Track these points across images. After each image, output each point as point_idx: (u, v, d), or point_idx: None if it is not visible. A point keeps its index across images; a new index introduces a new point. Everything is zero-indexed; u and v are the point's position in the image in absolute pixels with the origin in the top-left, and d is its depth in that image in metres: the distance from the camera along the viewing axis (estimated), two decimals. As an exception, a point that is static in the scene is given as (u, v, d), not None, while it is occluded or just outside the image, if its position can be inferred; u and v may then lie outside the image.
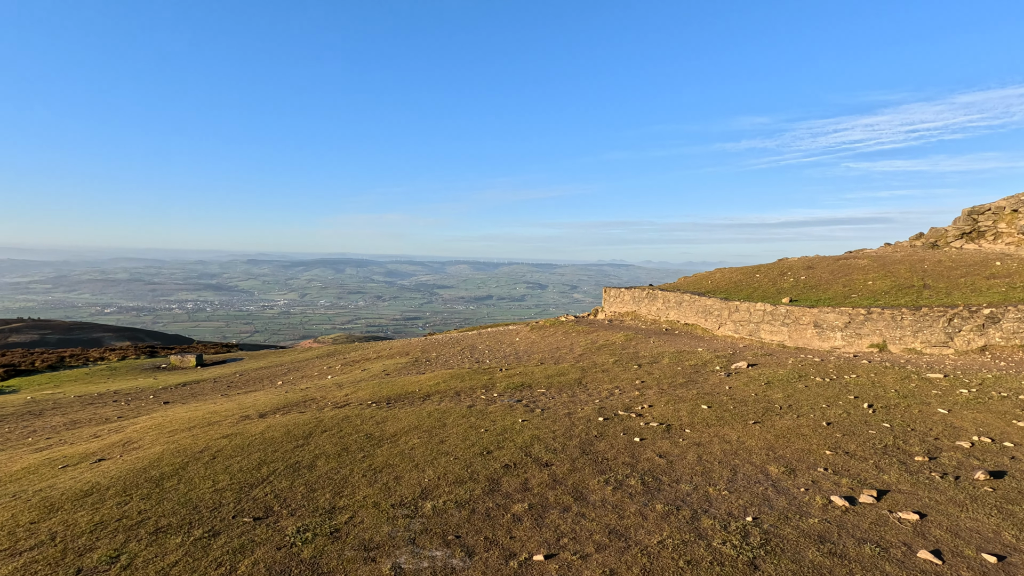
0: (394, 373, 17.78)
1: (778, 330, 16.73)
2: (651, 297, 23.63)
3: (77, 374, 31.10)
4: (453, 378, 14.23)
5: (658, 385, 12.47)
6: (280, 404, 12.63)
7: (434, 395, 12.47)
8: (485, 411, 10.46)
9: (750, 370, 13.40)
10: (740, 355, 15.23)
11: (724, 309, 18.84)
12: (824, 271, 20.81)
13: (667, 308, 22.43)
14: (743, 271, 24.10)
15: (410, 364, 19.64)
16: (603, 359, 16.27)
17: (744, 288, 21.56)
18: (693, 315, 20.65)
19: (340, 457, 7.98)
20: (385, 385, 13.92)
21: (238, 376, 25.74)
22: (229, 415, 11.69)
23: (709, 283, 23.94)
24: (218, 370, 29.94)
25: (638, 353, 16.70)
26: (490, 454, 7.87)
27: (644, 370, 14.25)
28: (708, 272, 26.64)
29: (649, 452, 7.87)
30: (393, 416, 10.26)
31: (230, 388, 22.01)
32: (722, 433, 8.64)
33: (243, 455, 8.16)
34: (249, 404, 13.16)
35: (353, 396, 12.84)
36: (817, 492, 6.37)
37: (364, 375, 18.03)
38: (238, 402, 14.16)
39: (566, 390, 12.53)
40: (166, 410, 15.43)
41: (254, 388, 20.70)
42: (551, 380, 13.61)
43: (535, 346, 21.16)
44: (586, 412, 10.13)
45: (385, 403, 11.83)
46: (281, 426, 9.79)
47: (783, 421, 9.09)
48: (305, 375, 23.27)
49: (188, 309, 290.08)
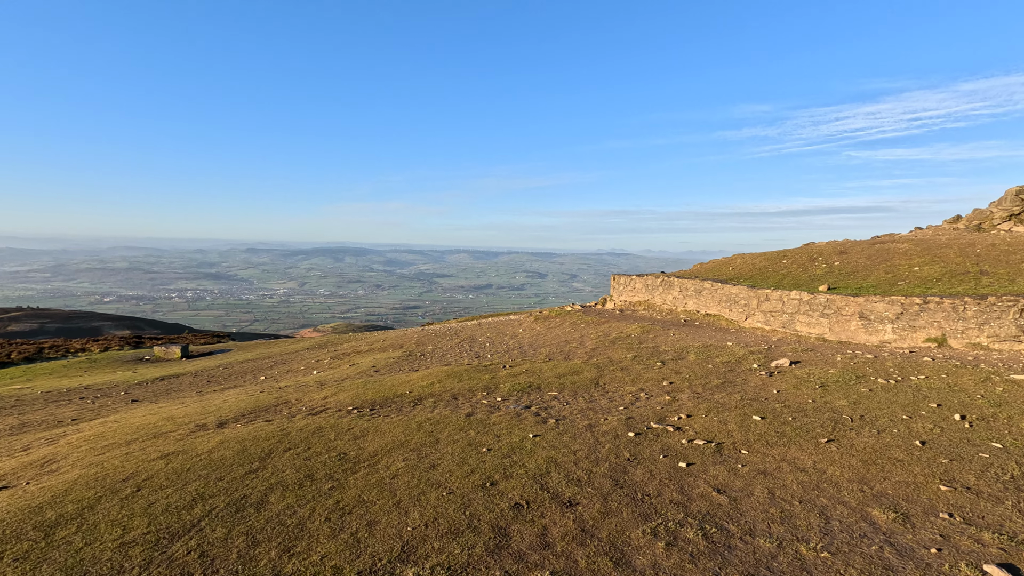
0: (384, 369, 15.95)
1: (816, 322, 14.86)
2: (666, 285, 21.73)
3: (54, 367, 29.34)
4: (450, 377, 12.39)
5: (690, 387, 10.62)
6: (248, 408, 10.81)
7: (427, 399, 10.63)
8: (487, 422, 8.62)
9: (795, 369, 11.54)
10: (777, 350, 13.38)
11: (752, 298, 16.95)
12: (859, 256, 18.89)
13: (685, 297, 20.54)
14: (767, 256, 22.18)
15: (403, 359, 17.81)
16: (620, 354, 14.42)
17: (770, 275, 19.66)
18: (715, 304, 18.77)
19: (301, 489, 6.15)
20: (371, 385, 12.08)
21: (221, 370, 23.96)
22: (185, 422, 9.87)
23: (730, 269, 22.03)
24: (203, 362, 28.17)
25: (658, 347, 14.85)
26: (495, 486, 6.04)
27: (670, 368, 12.40)
28: (727, 258, 24.71)
29: (702, 484, 6.04)
30: (375, 428, 8.43)
31: (209, 383, 20.23)
32: (790, 456, 6.79)
33: (177, 485, 6.33)
34: (215, 407, 11.34)
35: (333, 399, 11.00)
36: (956, 555, 4.52)
37: (351, 371, 16.21)
38: (204, 404, 12.34)
39: (582, 393, 10.69)
40: (126, 412, 13.63)
41: (232, 384, 18.91)
42: (563, 380, 11.77)
43: (541, 339, 19.31)
44: (611, 424, 8.29)
45: (368, 409, 9.99)
46: (237, 441, 7.96)
47: (863, 439, 7.25)
48: (291, 369, 21.48)
49: (188, 298, 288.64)
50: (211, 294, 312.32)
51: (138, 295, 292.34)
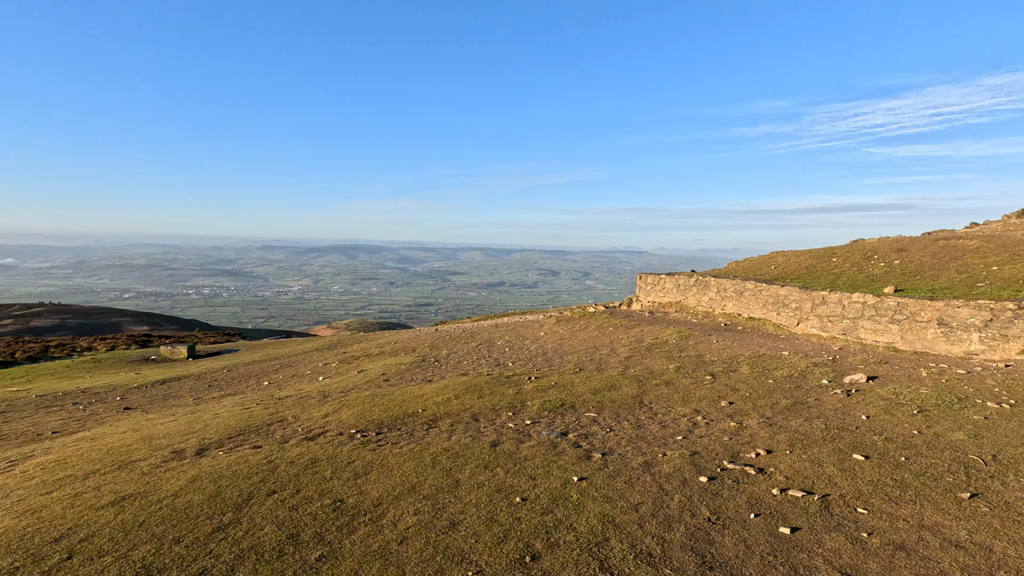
0: (395, 378, 14.45)
1: (884, 328, 13.02)
2: (701, 285, 19.95)
3: (57, 367, 28.46)
4: (469, 391, 10.83)
5: (755, 410, 8.92)
6: (238, 427, 9.37)
7: (443, 419, 9.08)
8: (517, 455, 7.04)
9: (875, 387, 9.77)
10: (844, 362, 11.60)
11: (805, 300, 15.12)
12: (922, 254, 16.94)
13: (723, 299, 18.74)
14: (813, 254, 20.26)
15: (415, 365, 16.30)
16: (660, 365, 12.73)
17: (820, 275, 17.80)
18: (759, 307, 16.98)
19: (281, 559, 4.62)
20: (379, 400, 10.57)
21: (225, 372, 22.75)
22: (162, 445, 8.45)
23: (772, 269, 20.18)
24: (208, 363, 27.05)
25: (703, 357, 13.13)
26: (536, 561, 4.45)
27: (723, 383, 10.69)
28: (766, 256, 22.83)
29: (824, 568, 4.38)
30: (381, 462, 6.90)
31: (210, 388, 18.97)
32: (928, 519, 5.10)
33: (121, 551, 4.85)
34: (201, 425, 9.93)
35: (334, 418, 9.51)
36: None
37: (359, 379, 14.75)
38: (193, 418, 10.95)
39: (626, 415, 9.05)
40: (111, 424, 12.32)
41: (233, 390, 17.59)
42: (600, 397, 10.13)
43: (565, 343, 17.67)
44: (673, 462, 6.65)
45: (375, 433, 8.47)
46: (212, 479, 6.49)
47: (1015, 493, 5.54)
48: (296, 374, 20.14)
49: (205, 294, 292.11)
50: (227, 291, 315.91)
51: (156, 291, 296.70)
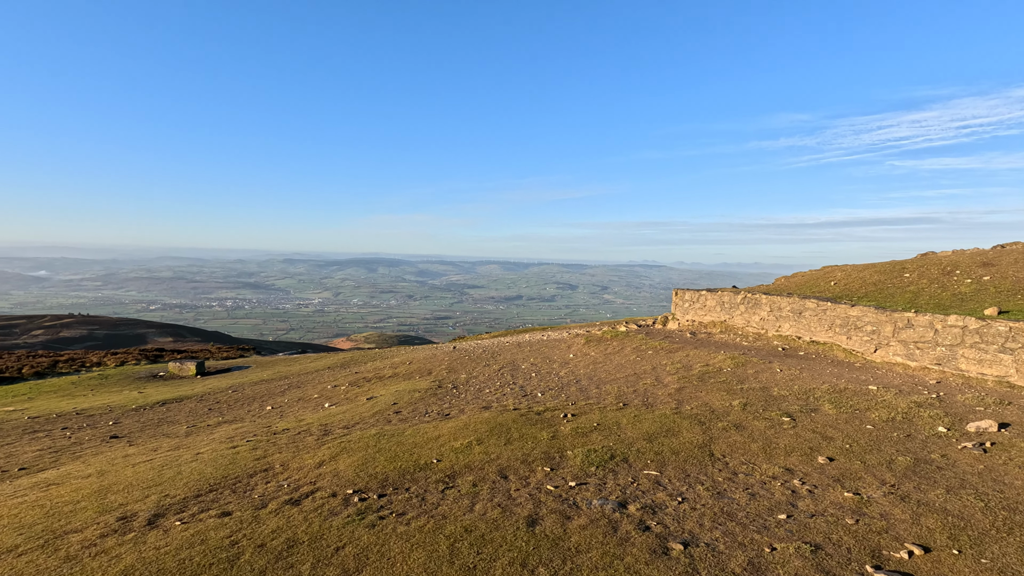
0: (407, 409, 12.64)
1: (994, 359, 10.79)
2: (751, 303, 17.80)
3: (62, 383, 27.42)
4: (493, 432, 8.96)
5: (867, 470, 6.85)
6: (214, 477, 7.65)
7: (463, 475, 7.21)
8: (564, 543, 5.13)
9: (1015, 438, 7.62)
10: (955, 402, 9.43)
11: (885, 323, 12.92)
12: (1017, 269, 14.62)
13: (777, 319, 16.58)
14: (878, 269, 17.98)
15: (431, 392, 14.48)
16: (719, 400, 10.68)
17: (893, 293, 15.56)
18: (824, 330, 14.79)
19: None
20: (387, 443, 8.76)
21: (230, 393, 21.28)
22: (113, 506, 6.76)
23: (831, 285, 17.94)
24: (214, 382, 25.69)
25: (769, 390, 11.05)
26: None
27: (808, 428, 8.63)
28: (819, 270, 20.57)
29: None
30: (381, 550, 5.06)
31: (208, 412, 17.44)
32: None
33: None
34: (173, 473, 8.24)
35: (330, 468, 7.72)
36: None
37: (367, 409, 12.98)
38: (169, 459, 9.28)
39: (696, 473, 7.07)
40: (85, 459, 10.75)
41: (231, 416, 15.99)
42: (657, 446, 8.16)
43: (600, 368, 15.69)
44: (791, 566, 4.67)
45: (376, 494, 6.64)
46: (155, 571, 4.74)
47: None
48: (303, 397, 18.51)
49: (227, 307, 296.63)
50: (249, 303, 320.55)
51: (181, 303, 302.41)
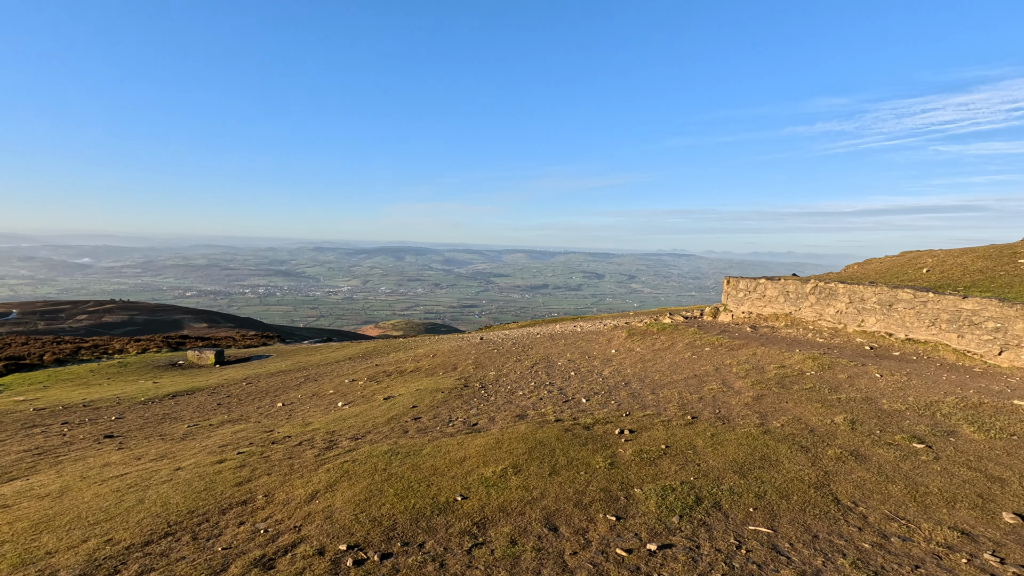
0: (427, 415, 10.83)
1: None
2: (824, 294, 15.34)
3: (80, 371, 26.81)
4: (533, 454, 7.05)
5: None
6: (181, 509, 5.97)
7: (496, 522, 5.33)
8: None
9: None
10: None
11: (1015, 319, 10.42)
12: None
13: (859, 312, 14.13)
14: (981, 253, 15.26)
15: (455, 393, 12.65)
16: (815, 414, 8.51)
17: (1010, 282, 12.95)
18: (924, 326, 12.33)
19: None
20: (398, 467, 6.95)
21: (243, 386, 20.02)
22: (39, 555, 5.13)
23: (923, 272, 15.31)
24: (232, 372, 24.61)
25: (875, 402, 8.81)
26: None
27: (955, 461, 6.43)
28: (900, 256, 17.88)
29: None
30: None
31: (217, 408, 16.11)
32: None
33: None
34: (135, 500, 6.62)
35: (323, 504, 5.95)
36: None
37: (382, 412, 11.25)
38: (142, 476, 7.70)
39: (826, 533, 5.02)
40: (60, 468, 9.33)
41: (237, 414, 14.55)
42: (755, 482, 6.11)
43: (650, 367, 13.59)
44: None
45: (378, 554, 4.80)
46: None
47: None
48: (317, 392, 17.01)
49: (260, 293, 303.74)
50: (281, 290, 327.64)
51: (216, 290, 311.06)
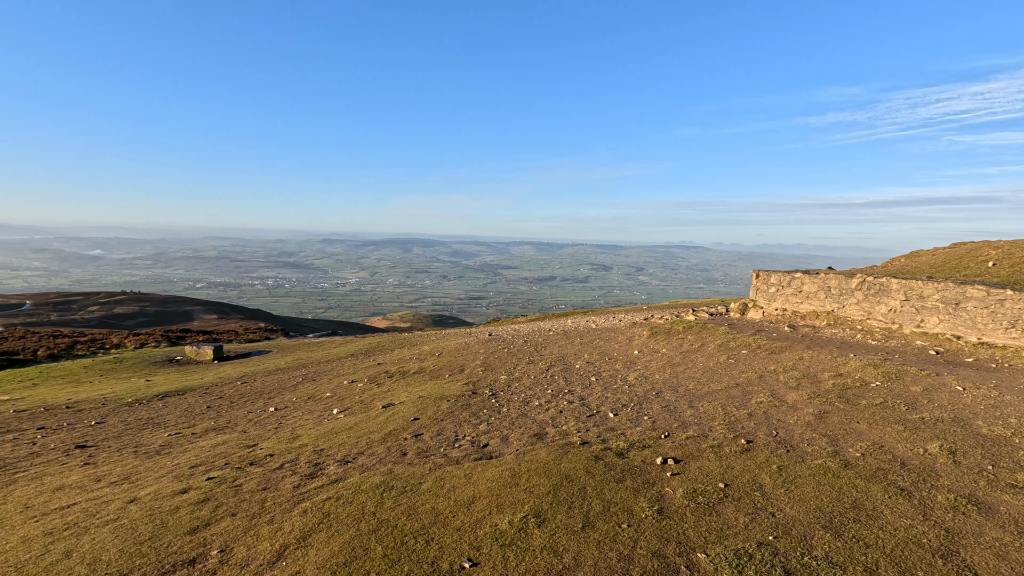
0: (430, 431, 9.42)
1: None
2: (875, 289, 13.70)
3: (74, 367, 25.76)
4: (559, 495, 5.62)
5: None
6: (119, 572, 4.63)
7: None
8: None
9: None
10: None
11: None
12: None
13: (918, 311, 12.51)
14: (1056, 245, 13.62)
15: (462, 403, 11.20)
16: (897, 439, 6.99)
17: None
18: (1001, 330, 10.71)
19: None
20: (391, 511, 5.55)
21: (238, 386, 18.79)
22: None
23: (990, 267, 13.66)
24: (228, 369, 23.43)
25: (968, 424, 7.27)
26: None
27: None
28: (953, 248, 16.17)
29: None
30: None
31: (206, 412, 14.85)
32: None
33: None
34: (68, 545, 5.27)
35: (288, 572, 4.57)
36: None
37: (379, 425, 9.87)
38: (89, 507, 6.37)
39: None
40: (11, 489, 8.05)
41: (225, 420, 13.25)
42: (857, 547, 4.63)
43: (680, 372, 12.08)
44: None
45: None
46: None
47: None
48: (313, 395, 15.69)
49: (269, 285, 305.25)
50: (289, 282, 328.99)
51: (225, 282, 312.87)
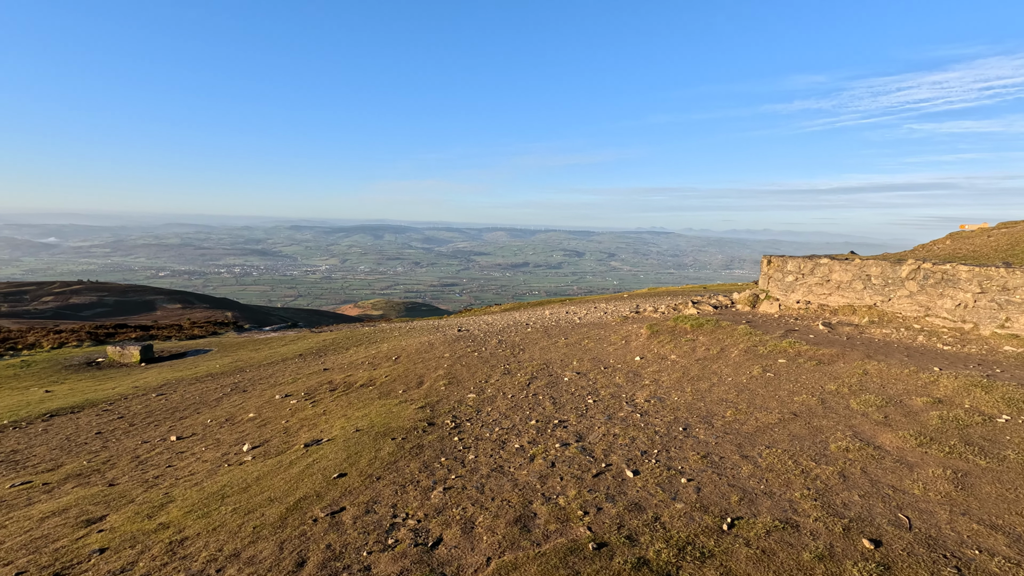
0: (356, 502, 6.25)
1: None
2: (934, 279, 11.08)
3: (-40, 375, 21.59)
4: None
5: None
6: None
7: None
8: None
9: None
10: None
11: None
12: None
13: (1000, 307, 9.91)
14: None
15: (411, 444, 7.99)
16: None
17: None
18: None
19: None
20: None
21: (151, 399, 15.19)
22: None
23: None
24: (152, 374, 19.69)
25: None
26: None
27: None
28: (1009, 227, 13.82)
29: None
30: None
31: (85, 445, 11.31)
32: None
33: None
34: None
35: None
36: None
37: (285, 486, 6.69)
38: None
39: None
40: None
41: (90, 468, 9.75)
42: None
43: (704, 392, 9.22)
44: None
45: None
46: None
47: None
48: (231, 418, 12.28)
49: (235, 273, 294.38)
50: (257, 270, 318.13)
51: (190, 270, 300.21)
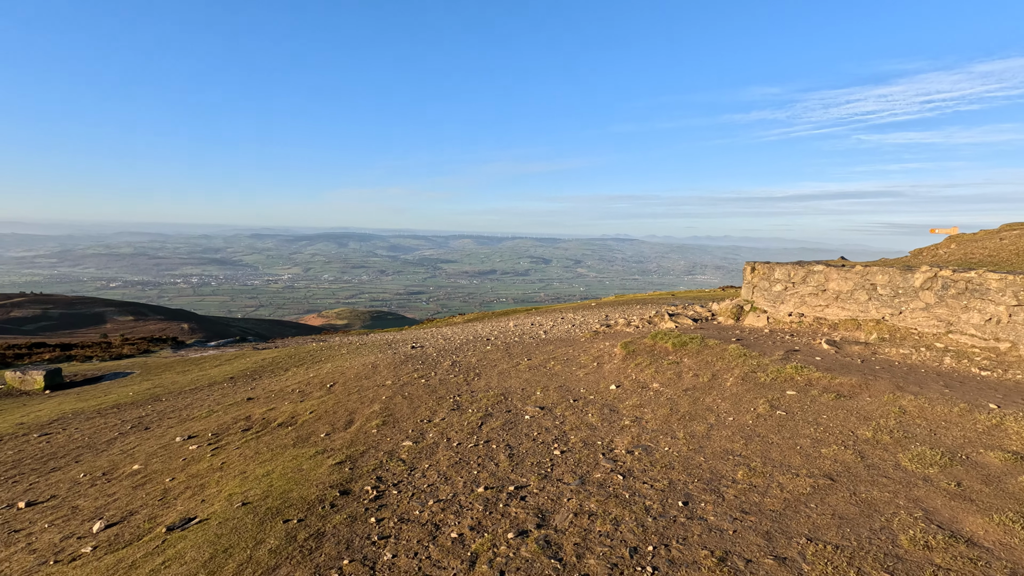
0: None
1: None
2: (956, 289, 9.54)
3: None
4: None
5: None
6: None
7: None
8: None
9: None
10: None
11: None
12: None
13: (1038, 321, 8.43)
14: None
15: (306, 536, 5.70)
16: None
17: None
18: None
19: None
20: None
21: (32, 441, 12.25)
22: None
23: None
24: (50, 405, 16.55)
25: None
26: None
27: None
28: (1010, 229, 12.52)
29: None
30: None
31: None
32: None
33: None
34: None
35: None
36: None
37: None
38: None
39: None
40: None
41: None
42: None
43: (704, 441, 7.30)
44: None
45: None
46: None
47: None
48: (111, 470, 9.61)
49: (193, 283, 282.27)
50: (216, 279, 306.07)
51: (144, 280, 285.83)
